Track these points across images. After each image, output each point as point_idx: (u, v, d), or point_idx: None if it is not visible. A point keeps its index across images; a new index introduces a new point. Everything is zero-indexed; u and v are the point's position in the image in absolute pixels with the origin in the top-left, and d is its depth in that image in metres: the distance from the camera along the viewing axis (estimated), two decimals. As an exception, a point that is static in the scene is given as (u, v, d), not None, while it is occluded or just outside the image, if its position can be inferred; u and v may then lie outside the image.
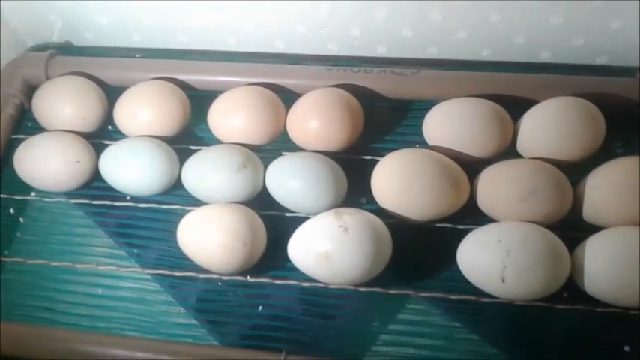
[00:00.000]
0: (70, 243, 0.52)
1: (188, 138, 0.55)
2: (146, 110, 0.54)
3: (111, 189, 0.53)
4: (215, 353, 0.45)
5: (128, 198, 0.53)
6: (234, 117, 0.52)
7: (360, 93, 0.53)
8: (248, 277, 0.48)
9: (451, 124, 0.50)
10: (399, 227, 0.47)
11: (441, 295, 0.46)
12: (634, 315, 0.43)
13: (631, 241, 0.43)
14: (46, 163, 0.52)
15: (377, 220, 0.46)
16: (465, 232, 0.46)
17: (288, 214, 0.50)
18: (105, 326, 0.48)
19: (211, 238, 0.47)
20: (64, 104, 0.55)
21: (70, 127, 0.55)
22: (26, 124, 0.58)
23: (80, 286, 0.50)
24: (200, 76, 0.57)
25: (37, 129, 0.56)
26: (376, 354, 0.46)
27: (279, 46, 0.61)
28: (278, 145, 0.53)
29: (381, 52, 0.60)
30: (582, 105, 0.48)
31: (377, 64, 0.55)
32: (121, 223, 0.52)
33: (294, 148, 0.53)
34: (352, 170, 0.50)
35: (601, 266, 0.43)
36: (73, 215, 0.53)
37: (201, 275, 0.48)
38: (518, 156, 0.50)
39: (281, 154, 0.52)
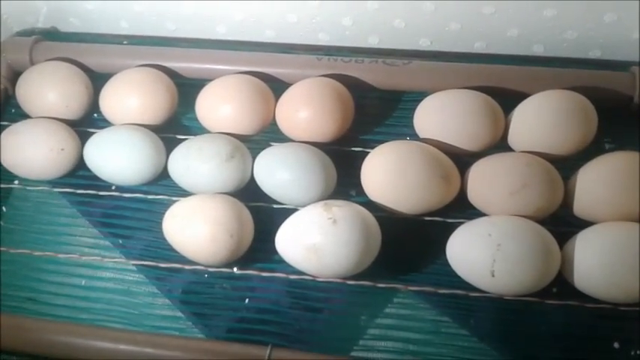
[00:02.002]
0: (54, 233, 0.51)
1: (175, 127, 0.54)
2: (132, 98, 0.53)
3: (96, 178, 0.52)
4: (201, 346, 0.44)
5: (113, 187, 0.52)
6: (223, 106, 0.52)
7: (351, 83, 0.53)
8: (235, 269, 0.47)
9: (442, 116, 0.49)
10: (388, 220, 0.46)
11: (430, 289, 0.45)
12: (624, 311, 0.43)
13: (621, 237, 0.43)
14: (30, 151, 0.51)
15: (366, 213, 0.45)
16: (455, 226, 0.46)
17: (276, 206, 0.49)
18: (88, 318, 0.47)
19: (198, 229, 0.46)
20: (48, 91, 0.54)
21: (55, 114, 0.54)
22: (10, 110, 0.57)
23: (63, 277, 0.49)
24: (188, 64, 0.56)
25: (20, 115, 0.55)
26: (364, 348, 0.45)
27: (269, 35, 0.60)
28: (267, 135, 0.53)
29: (373, 42, 0.59)
30: (575, 98, 0.48)
31: (368, 55, 0.55)
32: (106, 213, 0.52)
33: (283, 138, 0.52)
34: (342, 162, 0.50)
35: (591, 262, 0.43)
36: (56, 204, 0.53)
37: (187, 267, 0.48)
38: (509, 149, 0.50)
39: (270, 145, 0.51)
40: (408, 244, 0.48)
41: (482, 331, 0.45)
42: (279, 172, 0.48)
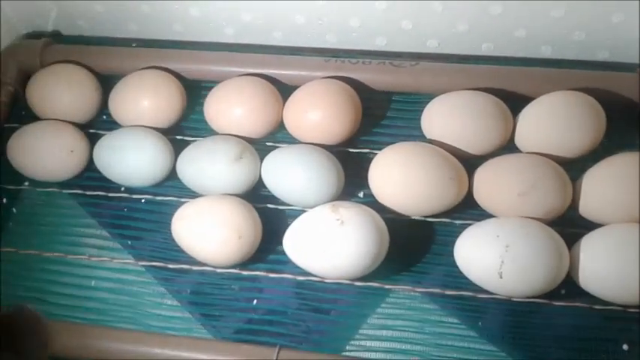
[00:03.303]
0: (63, 234, 0.52)
1: (184, 128, 0.55)
2: (141, 100, 0.53)
3: (105, 179, 0.52)
4: (209, 347, 0.44)
5: (122, 189, 0.52)
6: (231, 108, 0.52)
7: (358, 85, 0.53)
8: (243, 270, 0.47)
9: (450, 117, 0.49)
10: (396, 221, 0.47)
11: (437, 290, 0.45)
12: (632, 313, 0.43)
13: (629, 239, 0.42)
14: (40, 153, 0.52)
15: (374, 214, 0.45)
16: (463, 227, 0.46)
17: (284, 207, 0.49)
18: (97, 318, 0.47)
19: (206, 231, 0.46)
20: (58, 93, 0.54)
21: (64, 116, 0.54)
22: (20, 112, 0.57)
23: (72, 278, 0.50)
24: (196, 66, 0.56)
25: (30, 117, 0.56)
26: (371, 349, 0.45)
27: (276, 37, 0.61)
28: (274, 136, 0.53)
29: (380, 44, 0.59)
30: (582, 100, 0.48)
31: (376, 56, 0.55)
32: (115, 214, 0.52)
33: (291, 140, 0.52)
34: (349, 163, 0.50)
35: (599, 263, 0.43)
36: (66, 205, 0.53)
37: (196, 268, 0.48)
38: (517, 150, 0.50)
39: (277, 146, 0.51)
40: (416, 246, 0.48)
41: (490, 332, 0.45)
42: (286, 174, 0.48)
